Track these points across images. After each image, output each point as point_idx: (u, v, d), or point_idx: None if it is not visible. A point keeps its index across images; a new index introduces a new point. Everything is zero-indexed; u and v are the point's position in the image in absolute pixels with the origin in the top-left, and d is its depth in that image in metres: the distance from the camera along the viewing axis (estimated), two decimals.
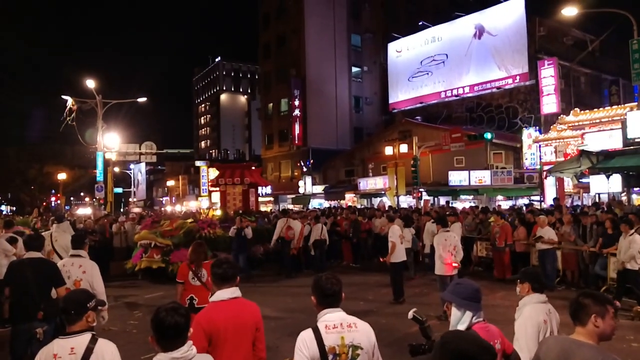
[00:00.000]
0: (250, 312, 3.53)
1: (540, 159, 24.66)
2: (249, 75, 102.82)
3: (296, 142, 42.22)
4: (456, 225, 12.60)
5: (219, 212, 18.01)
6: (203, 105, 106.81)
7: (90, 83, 25.36)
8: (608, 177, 16.80)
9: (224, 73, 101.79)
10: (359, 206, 27.34)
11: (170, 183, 65.09)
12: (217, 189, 19.54)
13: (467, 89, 36.97)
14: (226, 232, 14.27)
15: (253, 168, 20.67)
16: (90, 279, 5.73)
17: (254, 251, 15.15)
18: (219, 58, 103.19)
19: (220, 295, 3.47)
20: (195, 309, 5.37)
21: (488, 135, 22.18)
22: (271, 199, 42.67)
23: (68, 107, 25.07)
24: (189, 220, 14.95)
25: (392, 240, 10.45)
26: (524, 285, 3.80)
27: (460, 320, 3.02)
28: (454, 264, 9.16)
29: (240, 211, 17.14)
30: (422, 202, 24.13)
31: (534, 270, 4.22)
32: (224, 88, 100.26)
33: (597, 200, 19.51)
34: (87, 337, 3.07)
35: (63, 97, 25.31)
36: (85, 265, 5.82)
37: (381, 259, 11.38)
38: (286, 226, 14.52)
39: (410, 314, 3.19)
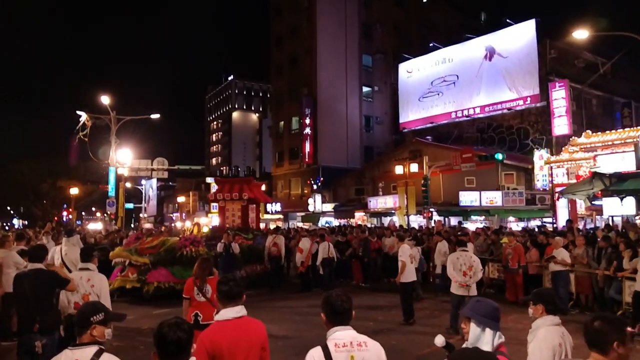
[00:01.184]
0: (256, 331, 3.46)
1: (552, 180, 24.49)
2: (260, 94, 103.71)
3: (306, 160, 42.36)
4: (468, 245, 12.48)
5: (206, 229, 17.50)
6: (215, 122, 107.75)
7: (105, 99, 25.66)
8: (621, 199, 16.63)
9: (237, 91, 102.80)
10: (368, 225, 27.24)
11: (181, 199, 65.40)
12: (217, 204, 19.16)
13: (477, 110, 36.97)
14: (213, 250, 13.65)
15: (254, 183, 19.97)
16: (98, 292, 5.73)
17: (249, 271, 14.58)
18: (232, 76, 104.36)
19: (225, 314, 3.41)
20: (200, 325, 5.32)
21: (499, 156, 22.12)
22: (281, 216, 42.69)
23: (82, 122, 25.34)
24: (175, 238, 14.26)
25: (402, 259, 10.36)
26: (537, 307, 3.74)
27: (479, 337, 2.97)
28: (461, 283, 9.13)
29: (229, 227, 16.47)
30: (432, 222, 24.00)
31: (547, 291, 4.15)
32: (236, 106, 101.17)
33: (610, 222, 19.28)
34: (92, 349, 3.05)
35: (78, 112, 25.61)
36: (94, 279, 5.82)
37: (392, 280, 11.29)
38: (272, 243, 14.89)
39: (442, 342, 3.09)
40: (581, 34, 19.37)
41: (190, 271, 12.30)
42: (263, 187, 38.63)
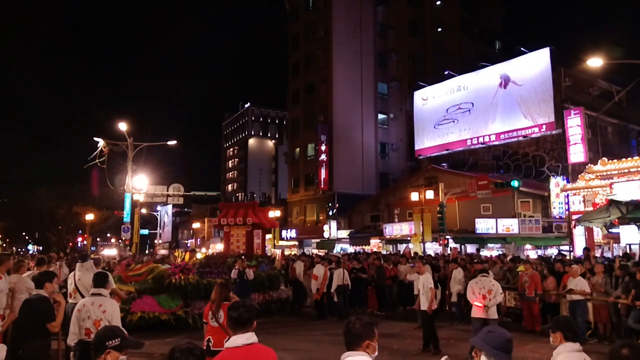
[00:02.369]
0: (267, 359, 3.33)
1: (569, 208, 24.32)
2: (277, 121, 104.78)
3: (322, 186, 42.52)
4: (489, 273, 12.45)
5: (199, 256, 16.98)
6: (231, 149, 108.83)
7: (122, 126, 26.00)
8: (639, 227, 16.48)
9: (253, 118, 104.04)
10: (384, 252, 27.13)
11: (196, 225, 65.70)
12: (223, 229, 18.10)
13: (493, 137, 37.00)
14: (206, 279, 13.10)
15: (259, 207, 19.22)
16: (110, 318, 5.64)
17: (261, 298, 14.41)
18: (249, 104, 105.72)
19: (235, 341, 3.28)
20: (211, 351, 5.27)
21: (515, 183, 22.05)
22: (296, 242, 42.68)
23: (99, 149, 25.68)
24: (165, 265, 13.78)
25: (431, 287, 10.32)
26: (557, 335, 3.76)
27: None
28: (479, 306, 9.28)
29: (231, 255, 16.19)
30: (449, 249, 23.86)
31: (565, 319, 4.14)
32: (253, 133, 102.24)
33: (627, 250, 19.06)
34: None
35: (95, 139, 25.98)
36: (105, 305, 5.72)
37: (408, 307, 11.21)
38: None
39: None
40: (595, 62, 19.43)
41: (178, 300, 12.39)
42: (278, 213, 38.86)
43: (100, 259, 12.89)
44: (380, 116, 47.48)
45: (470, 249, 28.76)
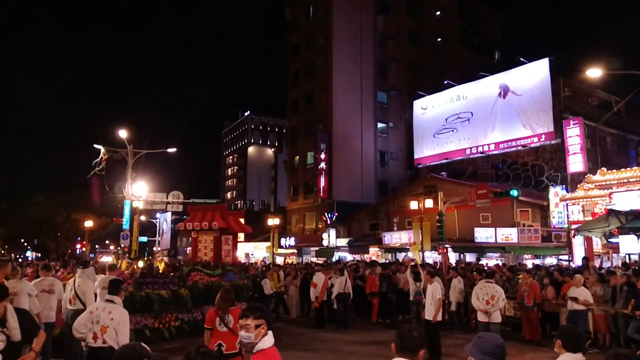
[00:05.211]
0: None
1: (568, 217, 24.36)
2: (276, 129, 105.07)
3: (321, 194, 42.53)
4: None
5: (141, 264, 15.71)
6: (231, 156, 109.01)
7: (122, 133, 26.03)
8: (638, 237, 16.50)
9: (253, 126, 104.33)
10: (383, 260, 27.11)
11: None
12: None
13: (492, 147, 37.09)
14: (144, 290, 11.88)
15: (227, 211, 17.57)
16: (116, 326, 5.65)
17: (203, 312, 12.44)
18: (248, 112, 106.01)
19: (269, 341, 3.47)
20: (224, 355, 5.51)
21: (514, 193, 22.04)
22: (295, 251, 42.64)
23: (100, 156, 25.68)
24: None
25: (439, 297, 10.36)
26: (557, 342, 3.75)
27: None
28: (482, 310, 9.97)
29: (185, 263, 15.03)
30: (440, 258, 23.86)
31: (567, 328, 4.11)
32: (252, 141, 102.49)
33: (627, 260, 19.08)
34: None
35: (96, 146, 26.01)
36: (114, 313, 5.74)
37: (407, 316, 11.28)
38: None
39: None
40: (594, 73, 19.51)
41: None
42: (277, 221, 38.74)
43: (116, 265, 12.84)
44: (380, 125, 47.58)
45: (470, 257, 28.74)
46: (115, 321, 5.65)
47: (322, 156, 42.87)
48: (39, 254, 66.00)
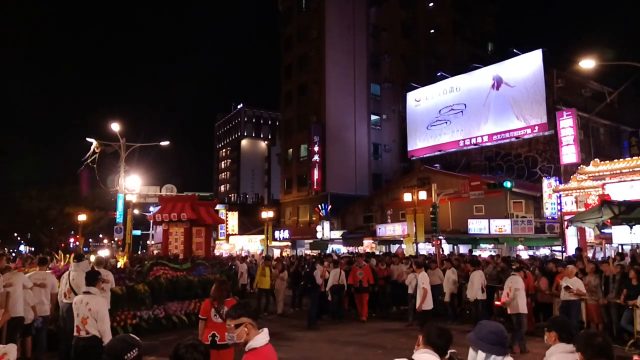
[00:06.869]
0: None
1: (561, 208, 24.43)
2: (269, 122, 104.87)
3: (315, 187, 42.49)
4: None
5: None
6: (224, 150, 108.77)
7: (115, 126, 25.86)
8: (631, 227, 16.55)
9: (246, 119, 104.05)
10: (377, 252, 27.13)
11: None
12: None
13: (485, 138, 37.16)
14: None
15: (198, 201, 16.65)
16: (95, 315, 5.76)
17: (171, 309, 12.40)
18: (241, 105, 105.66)
19: (264, 338, 3.37)
20: (217, 345, 5.59)
21: (507, 184, 22.09)
22: (289, 243, 42.64)
23: (92, 149, 25.51)
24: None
25: (424, 287, 10.40)
26: (552, 334, 3.73)
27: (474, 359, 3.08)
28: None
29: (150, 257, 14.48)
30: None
31: (562, 319, 4.10)
32: (245, 134, 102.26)
33: (620, 251, 19.17)
34: None
35: (88, 139, 25.82)
36: (91, 303, 5.84)
37: (401, 307, 11.29)
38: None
39: (448, 354, 3.20)
40: (587, 64, 19.52)
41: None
42: (270, 214, 38.60)
43: (104, 259, 12.77)
44: (373, 117, 47.52)
45: (463, 249, 28.83)
46: (93, 311, 5.81)
47: (316, 149, 42.79)
48: (33, 248, 65.58)
